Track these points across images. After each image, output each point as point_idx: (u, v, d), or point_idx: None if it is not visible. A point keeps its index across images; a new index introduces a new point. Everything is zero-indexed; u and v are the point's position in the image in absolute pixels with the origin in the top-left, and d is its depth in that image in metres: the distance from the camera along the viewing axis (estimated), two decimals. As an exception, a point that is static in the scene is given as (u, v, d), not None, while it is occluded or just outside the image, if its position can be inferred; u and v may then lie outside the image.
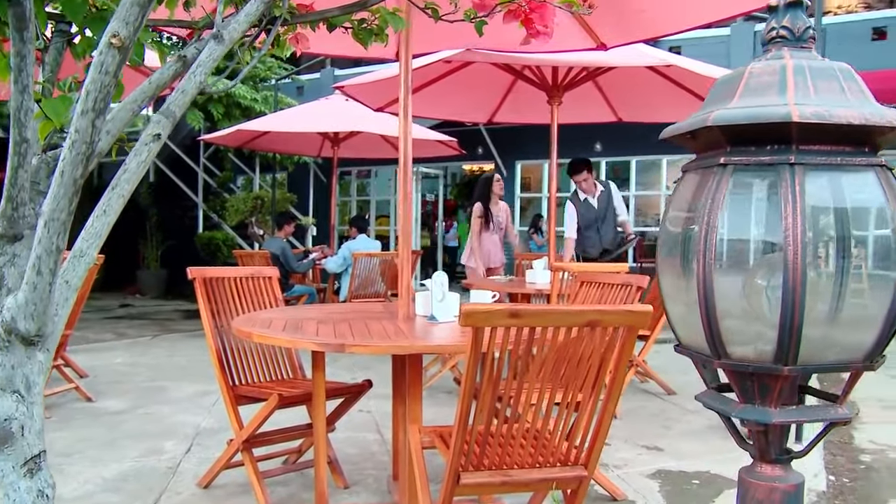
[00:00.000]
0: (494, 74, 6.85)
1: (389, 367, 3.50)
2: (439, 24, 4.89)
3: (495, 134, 15.21)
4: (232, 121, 11.94)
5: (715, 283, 1.12)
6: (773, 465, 1.18)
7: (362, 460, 4.31)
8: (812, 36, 1.13)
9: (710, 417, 5.37)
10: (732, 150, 1.15)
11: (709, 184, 1.15)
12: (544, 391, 2.50)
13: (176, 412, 5.40)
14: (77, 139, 1.12)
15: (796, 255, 1.05)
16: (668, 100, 7.19)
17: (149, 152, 1.23)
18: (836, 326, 1.11)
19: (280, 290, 4.26)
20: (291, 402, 3.63)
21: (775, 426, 1.16)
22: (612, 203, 7.68)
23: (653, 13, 4.46)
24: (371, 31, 1.74)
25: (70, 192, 1.13)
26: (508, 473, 2.53)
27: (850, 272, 1.09)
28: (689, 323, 1.20)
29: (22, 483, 1.22)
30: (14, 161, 1.17)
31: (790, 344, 1.08)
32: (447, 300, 3.42)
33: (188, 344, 8.81)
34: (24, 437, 1.23)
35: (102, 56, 1.12)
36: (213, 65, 1.29)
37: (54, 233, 1.15)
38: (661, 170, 15.34)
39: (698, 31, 13.31)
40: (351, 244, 8.99)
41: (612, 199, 7.68)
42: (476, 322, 2.19)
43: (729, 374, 1.17)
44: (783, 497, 1.14)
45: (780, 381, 1.13)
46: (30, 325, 1.19)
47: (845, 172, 1.11)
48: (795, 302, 1.05)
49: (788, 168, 1.08)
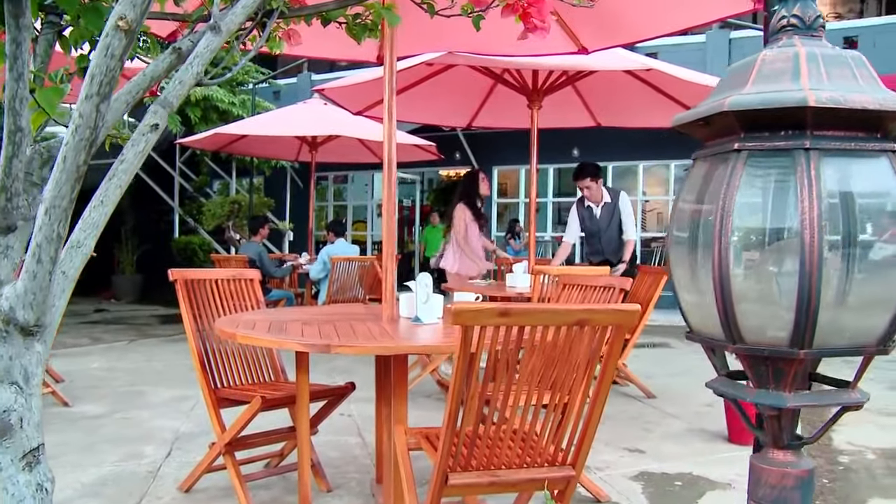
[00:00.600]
0: (474, 78, 6.86)
1: (370, 371, 3.49)
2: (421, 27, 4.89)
3: (473, 139, 15.26)
4: (209, 124, 11.87)
5: (731, 268, 1.13)
6: (785, 451, 1.19)
7: (344, 464, 4.29)
8: (822, 25, 1.15)
9: (689, 421, 5.41)
10: (746, 136, 1.16)
11: (723, 170, 1.16)
12: (532, 392, 2.50)
13: (154, 417, 5.34)
14: (81, 124, 1.10)
15: (813, 239, 1.06)
16: (647, 105, 7.24)
17: (146, 143, 1.21)
18: (850, 310, 1.13)
19: (261, 293, 4.22)
20: (274, 404, 3.60)
21: (789, 411, 1.17)
22: (616, 217, 7.16)
23: (634, 17, 4.49)
24: (365, 26, 1.74)
25: (72, 178, 1.11)
26: (496, 474, 2.52)
27: (864, 257, 1.11)
28: (702, 309, 1.21)
29: (21, 476, 1.20)
30: (8, 150, 1.14)
31: (806, 327, 1.09)
32: (431, 302, 3.42)
33: (165, 349, 8.73)
34: (22, 430, 1.20)
35: (108, 39, 1.10)
36: (210, 56, 1.27)
37: (55, 220, 1.13)
38: (638, 175, 15.44)
39: (675, 38, 13.48)
40: (329, 248, 8.96)
41: (616, 213, 7.16)
42: (465, 321, 2.18)
43: (743, 359, 1.18)
44: (796, 482, 1.15)
45: (794, 365, 1.14)
46: (28, 314, 1.17)
47: (859, 157, 1.13)
48: (812, 285, 1.06)
49: (804, 153, 1.10)
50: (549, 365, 2.54)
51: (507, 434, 2.59)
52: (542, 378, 2.56)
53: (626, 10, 4.45)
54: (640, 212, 15.88)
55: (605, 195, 7.18)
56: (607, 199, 7.17)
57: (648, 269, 6.71)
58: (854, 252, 1.10)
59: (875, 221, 1.13)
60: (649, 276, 6.30)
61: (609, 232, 7.19)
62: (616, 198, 7.18)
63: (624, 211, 7.13)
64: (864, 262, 1.11)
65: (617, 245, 7.19)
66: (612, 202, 7.16)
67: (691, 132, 1.25)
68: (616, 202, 7.15)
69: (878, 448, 4.74)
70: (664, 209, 15.64)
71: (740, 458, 4.46)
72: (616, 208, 7.14)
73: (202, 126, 11.87)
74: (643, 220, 15.87)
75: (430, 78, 6.89)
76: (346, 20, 1.73)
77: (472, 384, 2.35)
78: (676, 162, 14.80)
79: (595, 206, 7.20)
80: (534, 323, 2.27)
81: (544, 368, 2.54)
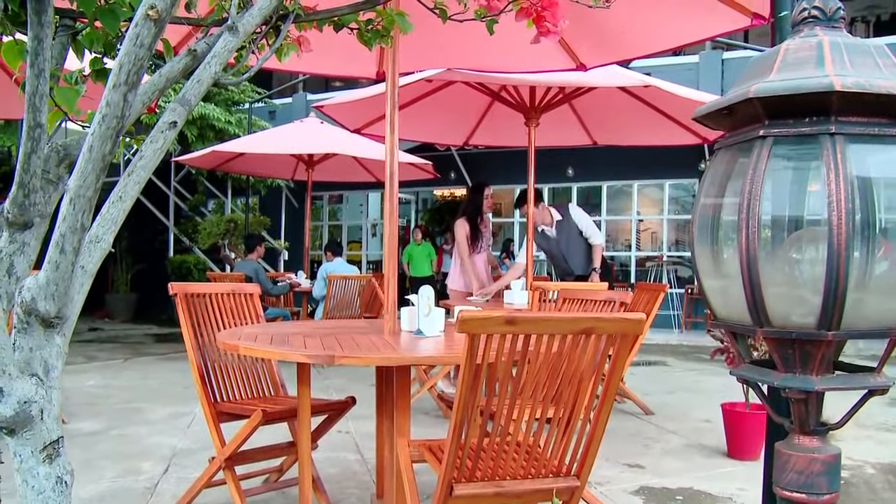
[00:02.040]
0: (471, 96, 6.88)
1: (367, 390, 3.48)
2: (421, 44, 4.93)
3: (467, 159, 15.32)
4: (205, 143, 11.89)
5: (759, 252, 1.14)
6: (811, 436, 1.20)
7: (344, 479, 4.27)
8: (842, 17, 1.18)
9: (688, 437, 5.40)
10: (771, 124, 1.18)
11: (748, 157, 1.18)
12: (537, 405, 2.49)
13: (152, 433, 5.31)
14: (108, 113, 1.10)
15: (840, 221, 1.08)
16: (643, 123, 7.28)
17: (164, 140, 1.22)
18: (877, 293, 1.14)
19: (261, 308, 4.22)
20: (275, 418, 3.58)
21: (815, 394, 1.18)
22: (573, 230, 7.03)
23: (633, 34, 4.53)
24: (378, 32, 1.75)
25: (98, 167, 1.11)
26: (501, 484, 2.51)
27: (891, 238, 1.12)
28: (728, 295, 1.22)
29: (41, 469, 1.19)
30: (27, 146, 1.15)
31: (834, 309, 1.10)
32: (433, 315, 3.41)
33: (161, 367, 8.69)
34: (43, 422, 1.20)
35: (138, 28, 1.11)
36: (227, 56, 1.28)
37: (80, 210, 1.13)
38: (632, 195, 15.51)
39: (668, 59, 13.60)
40: (328, 266, 8.99)
41: (572, 226, 7.03)
42: (472, 329, 2.18)
43: (770, 343, 1.18)
44: (823, 467, 1.15)
45: (822, 348, 1.15)
46: (50, 305, 1.16)
47: (884, 143, 1.16)
48: (840, 267, 1.08)
49: (829, 138, 1.12)
50: (554, 375, 2.54)
51: (512, 446, 2.58)
52: (546, 389, 2.56)
53: (624, 27, 4.49)
54: (634, 231, 15.93)
55: (554, 213, 7.09)
56: (557, 217, 7.06)
57: (646, 285, 6.72)
58: (883, 235, 1.12)
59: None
60: (646, 293, 6.30)
61: (572, 248, 7.09)
62: (566, 212, 7.08)
63: (580, 221, 7.03)
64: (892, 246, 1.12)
65: (585, 260, 7.08)
66: (564, 217, 7.05)
67: (713, 123, 1.27)
68: (567, 216, 7.05)
69: (877, 462, 4.73)
70: (658, 229, 15.68)
71: (741, 473, 4.46)
72: (569, 222, 7.03)
73: (199, 144, 11.89)
74: (637, 239, 15.90)
75: (427, 96, 6.92)
76: (359, 26, 1.74)
77: (478, 395, 2.34)
78: (671, 181, 14.87)
79: (548, 227, 7.11)
80: (540, 331, 2.27)
81: (549, 379, 2.54)
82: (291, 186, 15.85)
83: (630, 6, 4.32)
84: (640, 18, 4.41)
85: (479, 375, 2.30)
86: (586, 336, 2.33)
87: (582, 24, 4.58)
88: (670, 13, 4.26)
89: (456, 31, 4.83)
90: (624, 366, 2.47)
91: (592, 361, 2.43)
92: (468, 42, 4.99)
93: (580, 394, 2.50)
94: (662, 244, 15.50)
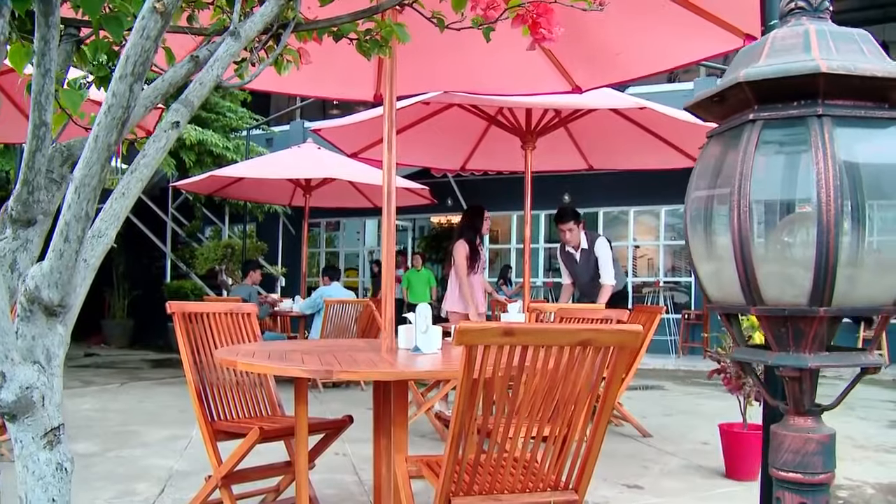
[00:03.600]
0: (468, 121, 6.93)
1: (364, 413, 3.46)
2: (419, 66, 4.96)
3: (464, 185, 15.37)
4: (203, 168, 11.93)
5: (750, 232, 1.17)
6: (806, 416, 1.21)
7: (341, 501, 4.25)
8: (828, 7, 1.22)
9: (687, 458, 5.39)
10: (760, 108, 1.22)
11: (738, 141, 1.22)
12: (533, 422, 2.49)
13: (148, 455, 5.29)
14: (114, 103, 1.13)
15: (829, 198, 1.11)
16: (638, 146, 7.34)
17: (167, 139, 1.24)
18: (866, 270, 1.17)
19: (259, 327, 4.22)
20: (273, 436, 3.57)
21: (809, 372, 1.19)
22: (593, 262, 7.08)
23: (627, 56, 4.58)
24: (376, 42, 1.78)
25: (103, 157, 1.13)
26: (499, 498, 2.51)
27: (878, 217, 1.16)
28: (722, 277, 1.26)
29: (42, 455, 1.20)
30: (32, 144, 1.17)
31: (825, 285, 1.13)
32: (430, 332, 3.42)
33: (158, 391, 8.66)
34: (44, 408, 1.21)
35: (145, 21, 1.14)
36: (229, 60, 1.31)
37: (84, 199, 1.14)
38: (629, 221, 15.56)
39: (663, 85, 13.73)
40: (324, 290, 9.01)
41: (592, 258, 7.08)
42: (470, 340, 2.19)
43: (763, 321, 1.21)
44: (817, 447, 1.16)
45: (814, 325, 1.18)
46: (53, 294, 1.17)
47: (869, 124, 1.20)
48: (830, 244, 1.11)
49: (816, 119, 1.17)
50: (552, 388, 2.55)
51: (509, 461, 2.58)
52: (544, 404, 2.56)
53: (619, 49, 4.55)
54: (630, 258, 15.97)
55: (583, 240, 7.13)
56: (584, 245, 7.11)
57: (643, 308, 6.74)
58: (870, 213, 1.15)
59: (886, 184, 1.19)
60: (643, 315, 6.31)
61: (585, 277, 7.16)
62: (593, 243, 7.11)
63: (601, 256, 7.04)
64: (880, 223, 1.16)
65: (592, 289, 7.12)
66: (589, 248, 7.10)
67: (705, 112, 1.31)
68: (592, 247, 7.09)
69: (876, 483, 4.72)
70: (655, 255, 15.72)
71: (739, 493, 4.45)
72: (592, 254, 7.07)
73: (197, 170, 11.93)
74: (634, 265, 15.93)
75: (424, 120, 6.97)
76: (358, 36, 1.77)
77: (475, 408, 2.35)
78: (667, 207, 14.94)
79: (574, 250, 7.17)
80: (538, 342, 2.28)
81: (547, 393, 2.54)
82: (289, 213, 15.89)
83: (624, 29, 4.39)
84: (634, 41, 4.47)
85: (476, 388, 2.31)
86: (584, 348, 2.34)
87: (577, 47, 4.64)
88: (664, 35, 4.32)
89: (453, 54, 4.92)
90: (622, 378, 2.47)
91: (590, 376, 2.44)
92: (465, 65, 5.05)
93: (577, 408, 2.51)
94: (659, 270, 15.53)
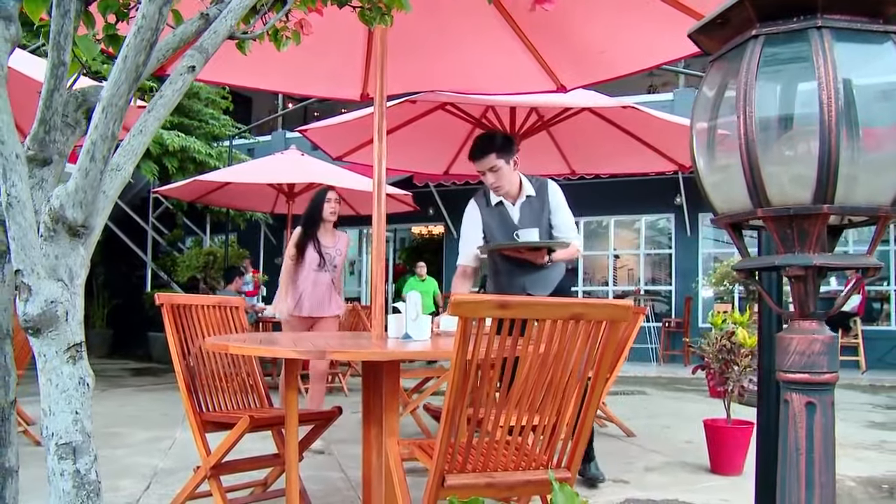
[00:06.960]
0: (453, 124, 6.95)
1: (351, 417, 3.45)
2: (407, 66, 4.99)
3: (445, 195, 15.39)
4: (186, 175, 11.89)
5: (756, 135, 1.23)
6: (811, 320, 1.26)
7: (327, 495, 4.24)
8: None
9: (671, 455, 5.43)
10: (762, 25, 1.29)
11: (742, 57, 1.28)
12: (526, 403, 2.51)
13: (131, 454, 5.25)
14: (144, 25, 1.15)
15: (830, 100, 1.18)
16: (620, 150, 7.40)
17: (183, 82, 1.26)
18: (866, 170, 1.24)
19: (246, 321, 4.22)
20: (262, 424, 3.57)
21: (813, 271, 1.25)
22: (546, 219, 4.30)
23: (612, 54, 4.65)
24: (378, 9, 1.81)
25: (131, 77, 1.15)
26: (493, 475, 2.53)
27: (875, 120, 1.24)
28: (728, 185, 1.33)
29: (65, 368, 1.21)
30: (50, 84, 1.19)
31: (828, 183, 1.19)
32: (420, 320, 3.44)
33: (140, 397, 8.60)
34: (67, 323, 1.22)
35: None
36: (242, 12, 1.34)
37: (111, 119, 1.16)
38: (609, 231, 15.67)
39: (644, 96, 13.86)
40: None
41: (545, 212, 4.30)
42: (464, 312, 2.22)
43: (769, 223, 1.27)
44: (823, 347, 1.22)
45: (818, 224, 1.24)
46: (77, 213, 1.19)
47: (866, 38, 1.27)
48: (832, 142, 1.17)
49: (816, 31, 1.24)
50: (543, 368, 2.57)
51: (502, 443, 2.59)
52: (535, 385, 2.58)
53: (603, 47, 4.61)
54: (610, 268, 16.07)
55: (526, 185, 4.31)
56: (530, 192, 4.30)
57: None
58: (868, 115, 1.23)
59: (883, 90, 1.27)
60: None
61: (525, 246, 4.19)
62: (543, 190, 4.33)
63: (558, 204, 4.33)
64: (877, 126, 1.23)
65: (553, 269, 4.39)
66: (539, 196, 4.32)
67: (708, 39, 1.38)
68: (545, 196, 4.32)
69: (857, 476, 4.78)
70: (635, 265, 15.82)
71: (724, 486, 4.49)
72: (546, 205, 4.31)
73: (179, 176, 11.89)
74: (614, 275, 16.02)
75: (409, 123, 6.99)
76: (361, 3, 1.81)
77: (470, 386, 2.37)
78: (646, 217, 15.07)
79: (509, 202, 4.30)
80: (531, 316, 2.31)
81: (539, 371, 2.57)
82: (270, 222, 15.86)
83: (608, 26, 4.46)
84: (618, 38, 4.54)
85: (471, 366, 2.33)
86: (576, 322, 2.37)
87: (562, 46, 4.71)
88: (648, 32, 4.38)
89: (441, 54, 4.96)
90: (612, 357, 2.51)
91: (582, 354, 2.47)
92: (452, 65, 5.09)
93: (568, 390, 2.53)
94: (639, 279, 15.63)
